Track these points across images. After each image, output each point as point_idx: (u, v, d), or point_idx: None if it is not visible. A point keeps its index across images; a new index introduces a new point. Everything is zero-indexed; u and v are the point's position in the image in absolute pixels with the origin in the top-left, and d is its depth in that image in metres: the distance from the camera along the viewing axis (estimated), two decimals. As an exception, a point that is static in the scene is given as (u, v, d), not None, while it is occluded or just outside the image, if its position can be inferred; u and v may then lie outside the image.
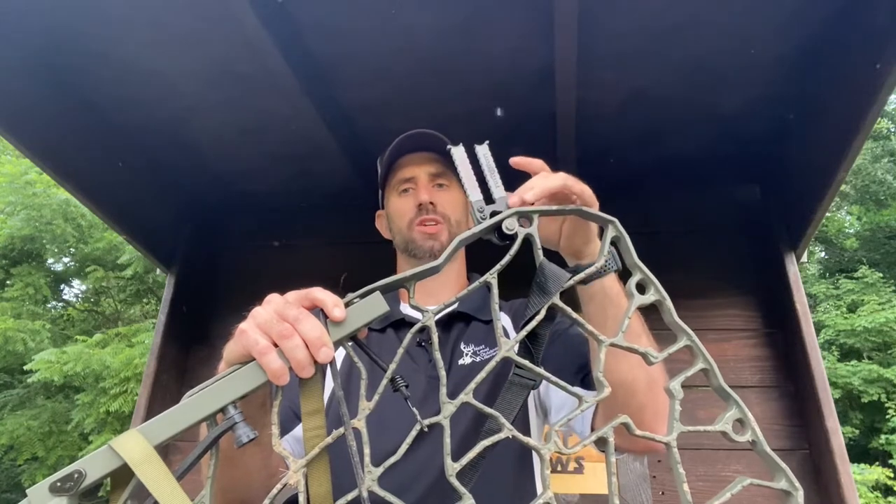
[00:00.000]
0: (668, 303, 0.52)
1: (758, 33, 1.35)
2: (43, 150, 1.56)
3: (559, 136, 1.64)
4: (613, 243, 0.55)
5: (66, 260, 9.66)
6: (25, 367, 6.93)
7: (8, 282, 8.63)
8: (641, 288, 0.54)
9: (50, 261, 9.39)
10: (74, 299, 10.67)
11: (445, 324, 0.96)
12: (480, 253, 0.63)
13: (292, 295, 0.55)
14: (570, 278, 0.56)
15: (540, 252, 0.56)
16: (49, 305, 9.98)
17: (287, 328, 0.51)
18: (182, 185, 2.05)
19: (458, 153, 0.63)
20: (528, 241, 0.55)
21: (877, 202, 12.99)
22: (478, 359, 0.90)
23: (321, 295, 0.53)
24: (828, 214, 10.98)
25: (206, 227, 2.18)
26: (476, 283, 0.54)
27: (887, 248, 12.49)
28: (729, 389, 0.50)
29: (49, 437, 7.70)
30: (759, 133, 1.72)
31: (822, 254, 13.70)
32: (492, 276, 0.53)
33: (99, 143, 1.71)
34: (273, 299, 0.55)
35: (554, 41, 1.32)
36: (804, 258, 1.90)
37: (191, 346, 2.07)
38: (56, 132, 1.58)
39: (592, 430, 0.79)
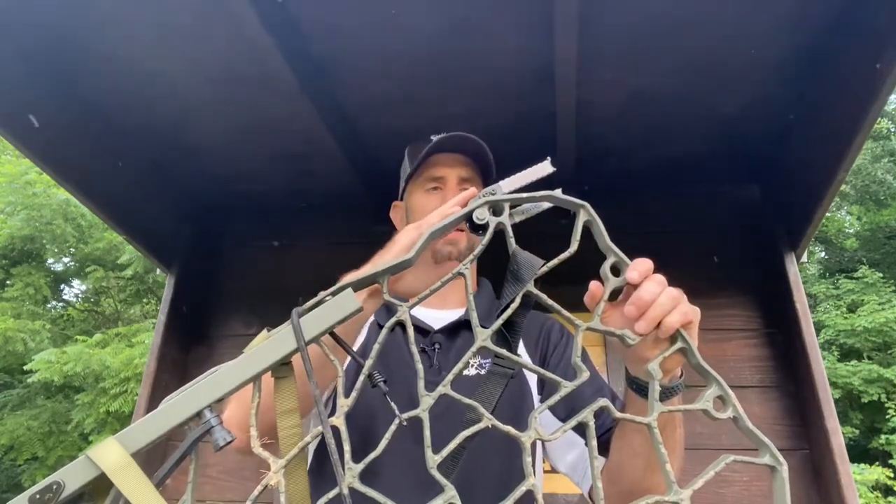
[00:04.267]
0: None
1: (758, 33, 1.35)
2: (43, 150, 1.56)
3: (559, 135, 1.63)
4: (586, 227, 0.55)
5: (66, 260, 9.67)
6: (25, 367, 6.94)
7: (8, 282, 8.64)
8: (616, 271, 0.55)
9: (50, 261, 9.40)
10: (74, 299, 10.67)
11: (451, 332, 0.94)
12: (492, 253, 0.63)
13: None
14: (543, 264, 0.56)
15: (512, 241, 0.56)
16: (49, 305, 9.99)
17: None
18: (182, 186, 2.05)
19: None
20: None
21: (877, 202, 12.97)
22: (483, 371, 0.88)
23: None
24: (828, 214, 10.97)
25: (206, 227, 2.18)
26: (449, 276, 0.55)
27: (887, 248, 12.48)
28: (708, 367, 0.50)
29: (49, 437, 7.71)
30: (759, 133, 1.72)
31: (822, 254, 13.69)
32: (465, 267, 0.54)
33: (99, 143, 1.71)
34: None
35: (554, 41, 1.32)
36: (804, 258, 1.90)
37: (191, 346, 2.07)
38: (56, 132, 1.57)
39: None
